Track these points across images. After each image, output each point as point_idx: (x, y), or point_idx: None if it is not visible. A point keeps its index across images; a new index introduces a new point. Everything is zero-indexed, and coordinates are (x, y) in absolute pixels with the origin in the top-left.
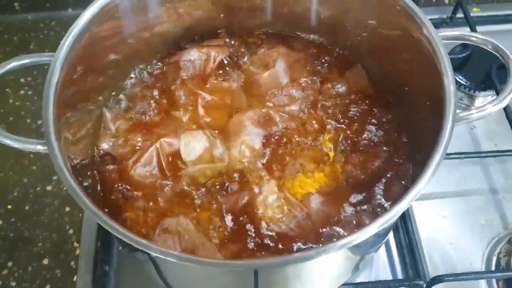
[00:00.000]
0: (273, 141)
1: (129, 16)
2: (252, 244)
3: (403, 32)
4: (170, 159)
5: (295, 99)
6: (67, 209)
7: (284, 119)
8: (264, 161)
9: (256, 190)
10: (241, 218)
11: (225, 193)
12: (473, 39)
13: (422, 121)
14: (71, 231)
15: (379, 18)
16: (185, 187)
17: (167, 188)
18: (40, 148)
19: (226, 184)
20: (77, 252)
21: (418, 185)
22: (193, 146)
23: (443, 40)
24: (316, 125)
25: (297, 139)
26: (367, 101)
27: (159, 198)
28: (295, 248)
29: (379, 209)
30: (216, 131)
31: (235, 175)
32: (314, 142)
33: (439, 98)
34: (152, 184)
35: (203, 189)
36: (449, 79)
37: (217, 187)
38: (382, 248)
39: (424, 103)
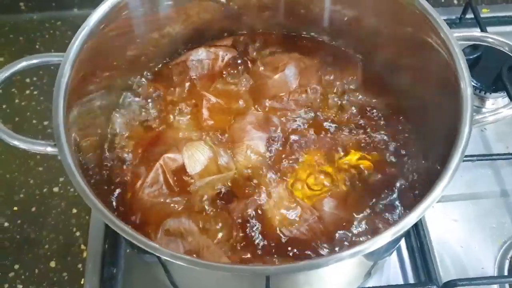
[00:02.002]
0: (278, 145)
1: (138, 16)
2: (263, 249)
3: (418, 34)
4: (176, 174)
5: (302, 104)
6: (74, 211)
7: (288, 123)
8: (271, 166)
9: (265, 195)
10: (251, 224)
11: (234, 201)
12: (490, 40)
13: (437, 125)
14: (78, 233)
15: (393, 20)
16: (195, 201)
17: (177, 204)
18: (49, 150)
19: (235, 192)
20: (84, 254)
21: (434, 192)
22: (197, 158)
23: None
24: (324, 128)
25: (304, 142)
26: (378, 105)
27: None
28: (307, 253)
29: (393, 214)
30: (218, 134)
31: (243, 181)
32: (323, 146)
33: (454, 102)
34: (163, 202)
35: (213, 200)
36: (466, 82)
37: (226, 195)
38: (393, 252)
39: (438, 107)
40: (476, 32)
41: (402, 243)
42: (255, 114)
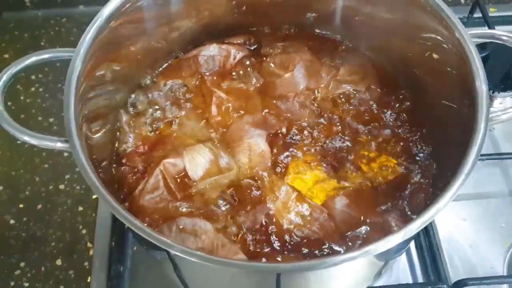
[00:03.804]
0: (280, 143)
1: (149, 11)
2: (274, 249)
3: (431, 32)
4: (177, 179)
5: (308, 105)
6: (80, 208)
7: (293, 122)
8: (275, 165)
9: (272, 196)
10: (260, 225)
11: (240, 203)
12: (504, 38)
13: (450, 124)
14: (84, 231)
15: (406, 19)
16: (199, 205)
17: (180, 209)
18: (59, 145)
19: (240, 194)
20: (91, 252)
21: (450, 191)
22: (198, 161)
23: None
24: (330, 128)
25: (309, 142)
26: (390, 105)
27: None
28: (319, 251)
29: (405, 212)
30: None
31: (247, 182)
32: (328, 145)
33: (468, 100)
34: (165, 207)
35: (219, 203)
36: (481, 79)
37: (231, 197)
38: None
39: (452, 106)
40: (489, 30)
41: (411, 242)
42: (252, 115)
